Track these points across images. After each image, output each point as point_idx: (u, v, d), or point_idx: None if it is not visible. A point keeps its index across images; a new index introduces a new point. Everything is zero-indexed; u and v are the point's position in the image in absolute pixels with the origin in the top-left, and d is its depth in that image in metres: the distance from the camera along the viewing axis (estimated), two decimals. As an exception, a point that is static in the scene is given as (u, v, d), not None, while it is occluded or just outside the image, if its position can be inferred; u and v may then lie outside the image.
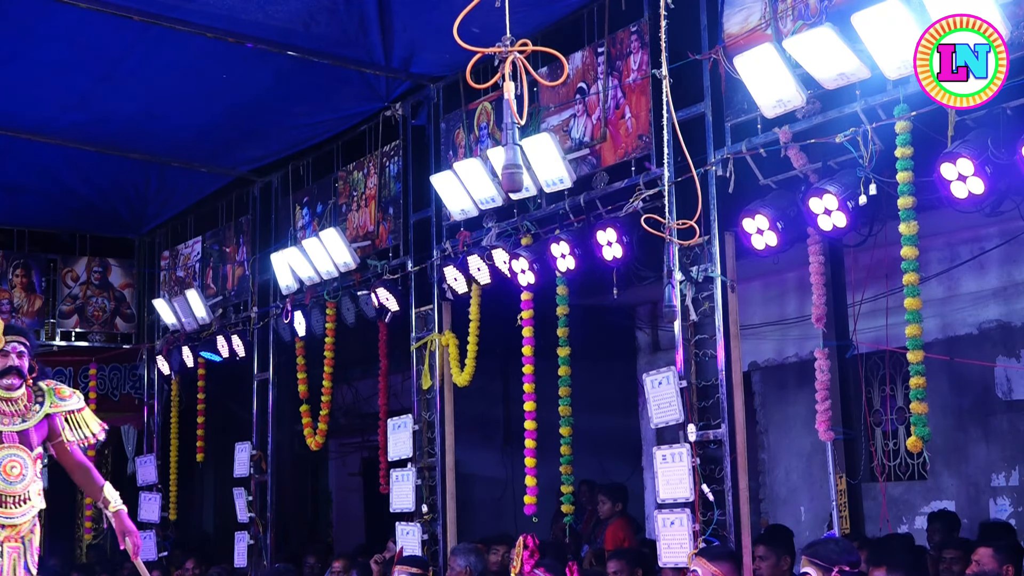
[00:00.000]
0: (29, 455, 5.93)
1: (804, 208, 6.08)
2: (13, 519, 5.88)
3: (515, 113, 3.25)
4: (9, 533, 5.88)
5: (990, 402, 8.91)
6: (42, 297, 12.40)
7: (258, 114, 9.35)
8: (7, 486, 5.84)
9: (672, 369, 6.77)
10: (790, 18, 6.18)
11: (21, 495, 5.89)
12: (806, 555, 5.05)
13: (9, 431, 5.90)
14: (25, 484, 5.90)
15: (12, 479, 5.86)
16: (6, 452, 5.87)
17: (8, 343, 5.91)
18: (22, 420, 5.96)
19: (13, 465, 5.87)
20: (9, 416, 5.94)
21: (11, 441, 5.90)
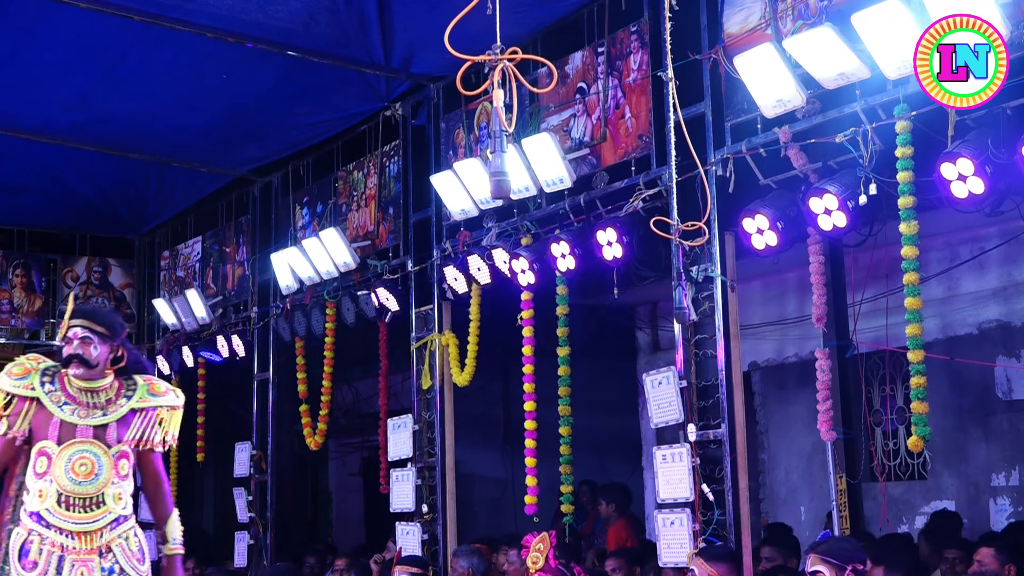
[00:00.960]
0: (106, 453, 5.19)
1: (804, 208, 6.08)
2: (82, 525, 5.11)
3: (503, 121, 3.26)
4: (77, 545, 5.09)
5: (990, 402, 8.91)
6: (42, 297, 12.40)
7: (258, 114, 9.35)
8: (75, 486, 5.11)
9: (672, 369, 6.77)
10: (790, 18, 6.18)
11: (93, 498, 5.14)
12: (817, 553, 5.03)
13: (84, 425, 5.20)
14: (98, 485, 5.15)
15: (81, 478, 5.12)
16: (76, 448, 5.15)
17: (69, 328, 5.26)
18: (102, 414, 5.25)
19: (83, 463, 5.14)
20: (87, 408, 5.25)
21: (85, 436, 5.18)
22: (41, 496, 5.08)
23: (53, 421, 5.14)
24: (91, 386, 5.28)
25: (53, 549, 5.05)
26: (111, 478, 5.20)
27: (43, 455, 5.12)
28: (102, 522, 5.15)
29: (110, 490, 5.20)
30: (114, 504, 5.20)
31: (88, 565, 5.08)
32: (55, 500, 5.08)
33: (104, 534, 5.15)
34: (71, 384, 5.24)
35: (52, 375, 5.25)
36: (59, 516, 5.08)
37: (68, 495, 5.10)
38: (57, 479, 5.08)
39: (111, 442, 5.23)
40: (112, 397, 5.32)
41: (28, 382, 5.20)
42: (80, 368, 5.23)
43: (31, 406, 5.16)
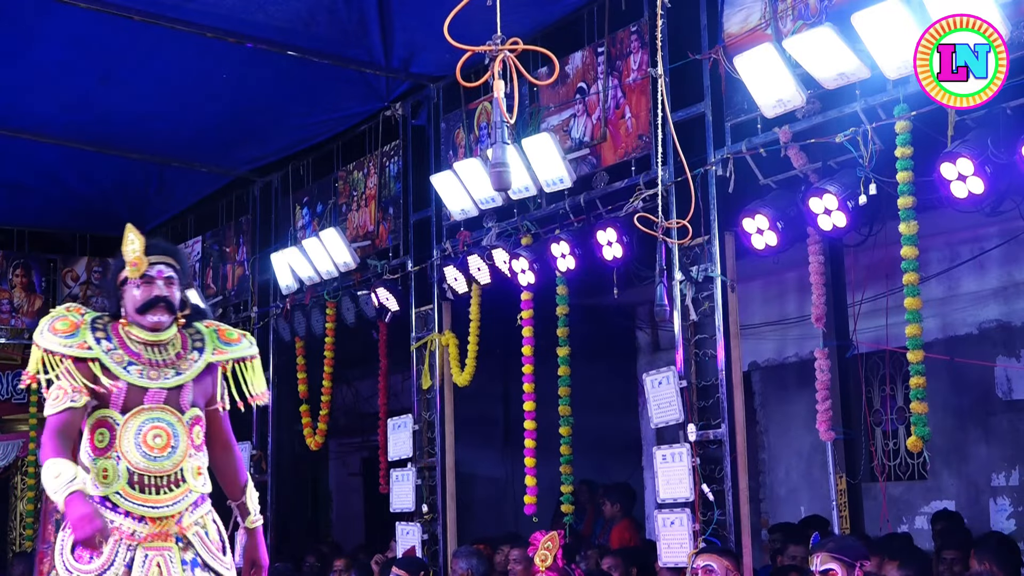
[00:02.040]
0: (180, 420, 4.28)
1: (804, 208, 6.08)
2: (158, 509, 4.20)
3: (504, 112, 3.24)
4: (152, 530, 4.18)
5: (990, 402, 8.91)
6: (42, 297, 12.38)
7: (258, 114, 9.34)
8: (149, 462, 4.19)
9: (672, 369, 6.77)
10: (790, 18, 6.18)
11: (170, 475, 4.23)
12: (827, 551, 5.05)
13: (155, 388, 4.25)
14: (176, 460, 4.24)
15: (156, 452, 4.20)
16: (147, 416, 4.22)
17: (152, 265, 4.30)
18: (174, 373, 4.30)
19: (157, 434, 4.21)
20: (157, 368, 4.28)
21: (155, 401, 4.24)
22: (106, 477, 4.17)
23: (118, 385, 4.21)
24: (157, 339, 4.31)
25: (121, 538, 4.14)
26: (188, 450, 4.28)
27: (103, 427, 4.21)
28: (182, 504, 4.26)
29: (188, 464, 4.29)
30: (194, 480, 4.30)
31: (165, 556, 4.19)
32: (125, 481, 4.17)
33: (183, 518, 4.26)
34: (130, 338, 4.29)
35: (104, 328, 4.29)
36: (132, 500, 4.18)
37: (141, 473, 4.19)
38: (126, 455, 4.17)
39: (185, 406, 4.31)
40: (180, 351, 4.37)
41: (80, 339, 4.22)
42: (164, 315, 4.29)
43: (93, 367, 4.21)
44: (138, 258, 4.29)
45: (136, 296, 4.29)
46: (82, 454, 4.23)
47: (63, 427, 4.15)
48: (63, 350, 4.20)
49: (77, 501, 3.95)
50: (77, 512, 3.92)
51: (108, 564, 4.12)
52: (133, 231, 4.31)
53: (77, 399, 4.17)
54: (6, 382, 13.16)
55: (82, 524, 3.90)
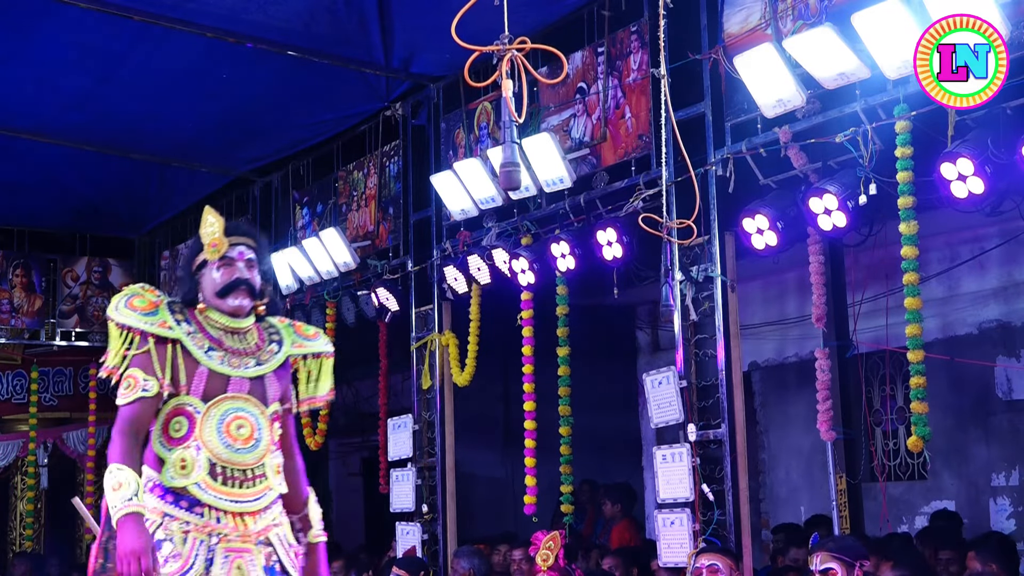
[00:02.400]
0: (264, 413, 3.97)
1: (804, 208, 6.08)
2: (240, 503, 3.86)
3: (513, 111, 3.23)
4: (232, 528, 3.83)
5: (990, 402, 8.91)
6: (42, 297, 12.39)
7: (258, 114, 9.35)
8: (232, 454, 3.86)
9: (672, 369, 6.77)
10: (790, 18, 6.19)
11: (253, 469, 3.90)
12: (827, 551, 5.05)
13: (238, 376, 3.95)
14: (259, 454, 3.92)
15: (239, 444, 3.88)
16: (231, 405, 3.91)
17: (233, 247, 4.00)
18: (255, 363, 4.01)
19: (241, 424, 3.90)
20: (238, 356, 3.99)
21: (238, 390, 3.94)
22: (184, 467, 3.82)
23: (199, 371, 3.89)
24: (237, 326, 4.02)
25: (200, 535, 3.79)
26: (270, 445, 3.97)
27: (181, 415, 3.88)
28: (264, 500, 3.92)
29: (270, 460, 3.97)
30: (275, 478, 3.99)
31: (245, 557, 3.84)
32: (206, 471, 3.83)
33: (263, 517, 3.92)
34: (209, 324, 3.99)
35: (181, 311, 3.98)
36: (213, 492, 3.83)
37: (224, 465, 3.86)
38: (208, 444, 3.84)
39: (268, 399, 4.01)
40: (259, 342, 4.08)
41: (161, 318, 3.90)
42: (246, 299, 3.99)
43: (172, 351, 3.88)
44: (218, 239, 3.98)
45: (216, 279, 3.98)
46: (154, 443, 3.87)
47: (134, 420, 3.81)
48: (144, 327, 3.84)
49: (131, 526, 3.63)
50: (128, 542, 3.59)
51: (188, 566, 3.76)
52: (212, 212, 4.00)
53: (150, 387, 3.82)
54: (6, 382, 13.17)
55: (129, 561, 3.57)
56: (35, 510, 13.01)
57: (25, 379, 13.08)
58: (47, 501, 13.16)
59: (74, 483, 13.49)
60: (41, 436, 13.03)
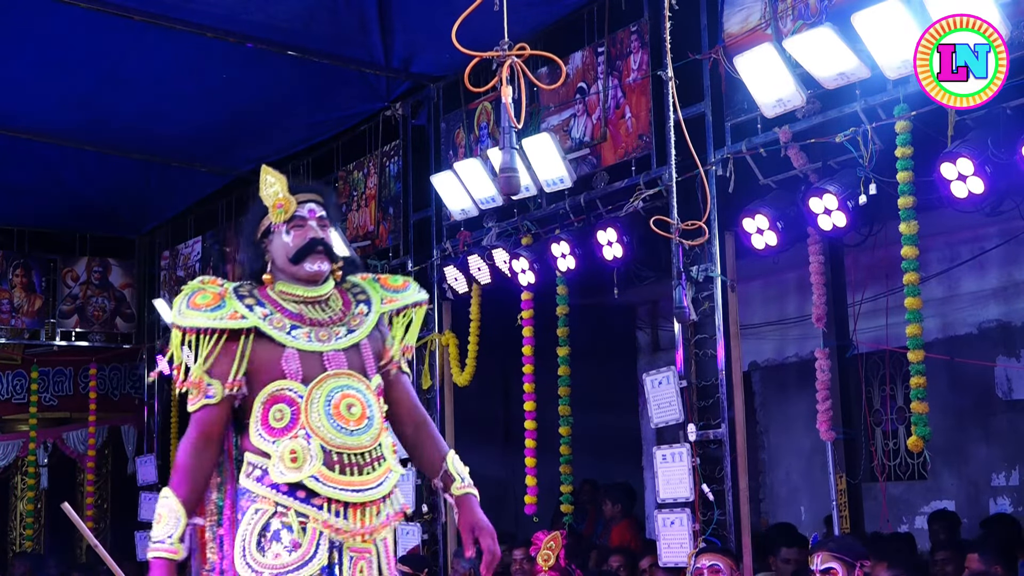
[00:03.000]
0: (369, 388, 3.50)
1: (804, 208, 6.08)
2: (364, 492, 3.40)
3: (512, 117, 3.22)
4: (354, 525, 3.39)
5: (990, 402, 8.91)
6: (42, 297, 12.39)
7: (258, 114, 9.34)
8: (346, 437, 3.40)
9: (672, 369, 6.77)
10: (790, 18, 6.19)
11: (370, 451, 3.44)
12: (828, 551, 5.06)
13: (331, 350, 3.47)
14: (374, 434, 3.46)
15: (352, 425, 3.42)
16: (334, 384, 3.44)
17: (302, 204, 3.56)
18: (347, 331, 3.53)
19: (352, 402, 3.43)
20: (325, 327, 3.51)
21: (337, 366, 3.46)
22: (294, 460, 3.36)
23: (286, 354, 3.43)
24: (316, 294, 3.55)
25: (323, 531, 3.37)
26: (382, 423, 3.52)
27: (281, 402, 3.43)
28: (387, 485, 3.47)
29: (386, 440, 3.52)
30: (393, 460, 3.53)
31: (367, 559, 3.43)
32: (321, 461, 3.37)
33: (384, 509, 3.48)
34: (284, 299, 3.53)
35: (250, 294, 3.53)
36: (332, 483, 3.36)
37: (339, 451, 3.39)
38: (318, 431, 3.38)
39: (369, 370, 3.53)
40: (344, 308, 3.60)
41: (230, 309, 3.45)
42: (324, 262, 3.53)
43: (247, 342, 3.44)
44: (284, 198, 3.54)
45: (288, 243, 3.51)
46: (253, 437, 3.43)
47: (204, 428, 3.45)
48: (212, 324, 3.42)
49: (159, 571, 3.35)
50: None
51: (307, 558, 3.33)
52: (271, 171, 3.63)
53: (213, 394, 3.43)
54: (6, 382, 13.17)
55: None
56: (35, 510, 13.01)
57: (25, 379, 13.08)
58: (47, 501, 13.16)
59: (74, 483, 13.51)
60: (41, 436, 13.03)
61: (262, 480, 3.40)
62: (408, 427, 3.72)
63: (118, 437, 13.44)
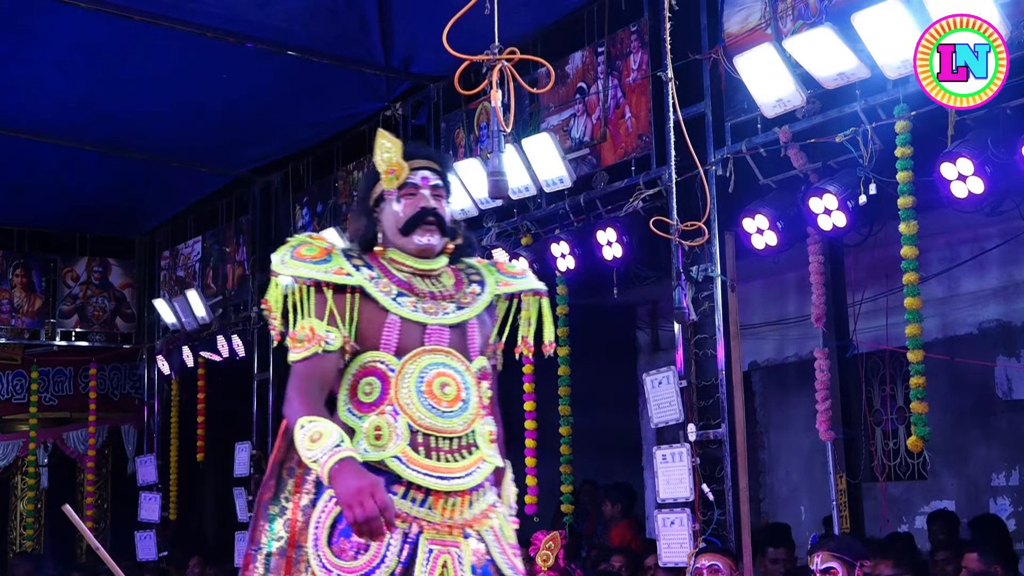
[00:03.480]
0: (468, 369, 3.24)
1: (804, 208, 6.08)
2: (449, 480, 3.11)
3: (501, 121, 3.19)
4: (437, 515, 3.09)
5: (990, 402, 8.91)
6: (42, 297, 12.39)
7: (258, 114, 9.34)
8: (436, 418, 3.14)
9: (672, 369, 6.77)
10: (790, 18, 6.19)
11: (461, 437, 3.17)
12: (828, 550, 5.06)
13: (436, 324, 3.21)
14: (467, 419, 3.18)
15: (444, 406, 3.15)
16: (430, 360, 3.18)
17: (415, 171, 3.28)
18: (455, 308, 3.27)
19: (445, 382, 3.17)
20: (434, 300, 3.25)
21: (437, 342, 3.20)
22: (379, 437, 3.11)
23: (388, 321, 3.17)
24: (428, 267, 3.30)
25: (401, 525, 3.05)
26: (479, 408, 3.24)
27: (372, 374, 3.18)
28: (477, 476, 3.17)
29: (480, 427, 3.24)
30: (488, 449, 3.25)
31: (452, 553, 3.09)
32: (407, 441, 3.10)
33: (476, 501, 3.17)
34: (394, 266, 3.27)
35: (359, 256, 3.28)
36: (416, 467, 3.09)
37: (427, 432, 3.12)
38: (406, 408, 3.12)
39: (473, 351, 3.28)
40: (457, 286, 3.34)
41: (335, 265, 3.21)
42: (435, 235, 3.27)
43: (352, 300, 3.18)
44: (396, 163, 3.26)
45: (397, 212, 3.26)
46: (341, 410, 3.20)
47: (313, 377, 3.16)
48: (317, 275, 3.16)
49: (349, 471, 2.90)
50: (351, 485, 2.87)
51: (379, 559, 3.02)
52: (387, 135, 3.32)
53: (332, 340, 3.14)
54: (6, 382, 13.18)
55: (359, 500, 2.85)
56: (35, 510, 13.01)
57: (25, 379, 13.08)
58: (47, 501, 13.16)
59: (74, 483, 13.50)
60: (41, 436, 13.03)
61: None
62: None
63: (118, 437, 13.44)
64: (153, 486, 12.09)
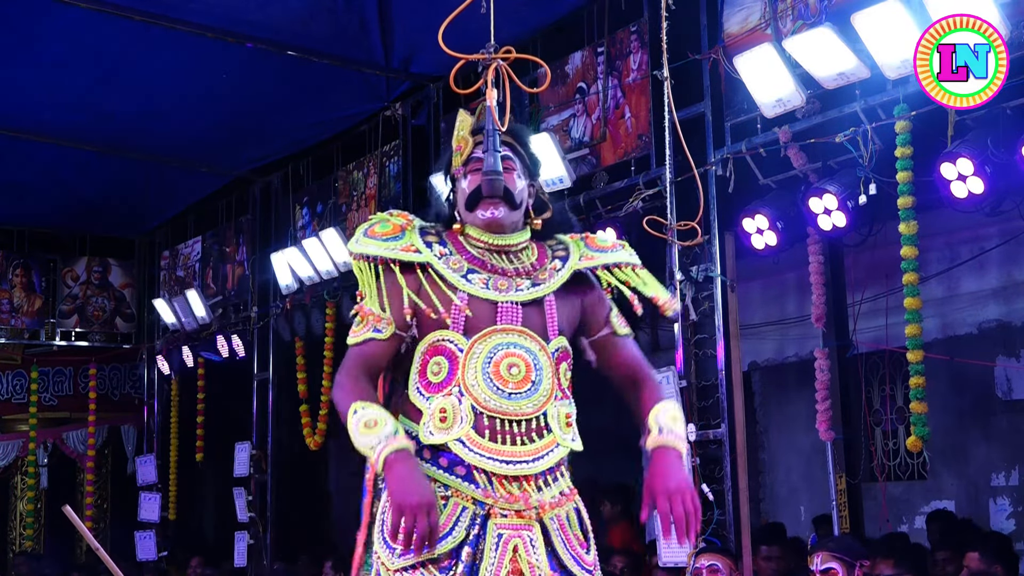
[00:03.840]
0: (544, 349, 3.07)
1: (804, 208, 6.09)
2: (515, 464, 2.98)
3: (496, 120, 3.16)
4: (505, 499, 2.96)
5: (990, 402, 8.91)
6: (42, 297, 12.40)
7: (258, 114, 9.35)
8: (502, 400, 3.00)
9: (672, 369, 6.77)
10: (790, 18, 6.19)
11: (530, 420, 3.02)
12: (827, 551, 5.06)
13: (506, 301, 3.06)
14: (537, 401, 3.03)
15: (511, 388, 3.01)
16: (500, 340, 3.03)
17: (479, 145, 3.19)
18: (531, 285, 3.10)
19: (513, 363, 3.02)
20: (507, 277, 3.11)
21: (509, 321, 3.05)
22: (444, 419, 3.00)
23: (457, 298, 3.06)
24: (505, 243, 3.15)
25: (464, 503, 2.96)
26: (553, 390, 3.09)
27: (440, 354, 3.05)
28: (548, 460, 3.04)
29: (554, 409, 3.09)
30: (562, 432, 3.11)
31: (524, 537, 2.96)
32: (471, 424, 2.99)
33: (549, 486, 3.05)
34: (469, 243, 3.15)
35: (436, 233, 3.19)
36: (479, 450, 2.97)
37: (492, 415, 2.99)
38: (471, 390, 3.00)
39: (551, 330, 3.11)
40: (536, 261, 3.17)
41: (406, 242, 3.12)
42: (500, 208, 3.11)
43: (421, 278, 3.08)
44: (462, 138, 3.22)
45: (464, 188, 3.17)
46: (411, 391, 3.08)
47: (363, 363, 3.07)
48: (385, 252, 3.08)
49: (406, 470, 2.86)
50: (408, 491, 2.82)
51: (447, 529, 2.92)
52: (464, 113, 3.27)
53: (383, 328, 3.05)
54: (6, 382, 13.18)
55: (413, 513, 2.80)
56: (35, 510, 13.02)
57: (25, 379, 13.09)
58: (47, 501, 13.17)
59: (74, 483, 13.51)
60: (41, 436, 13.04)
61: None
62: (630, 392, 3.40)
63: (118, 437, 13.46)
64: (153, 486, 12.10)
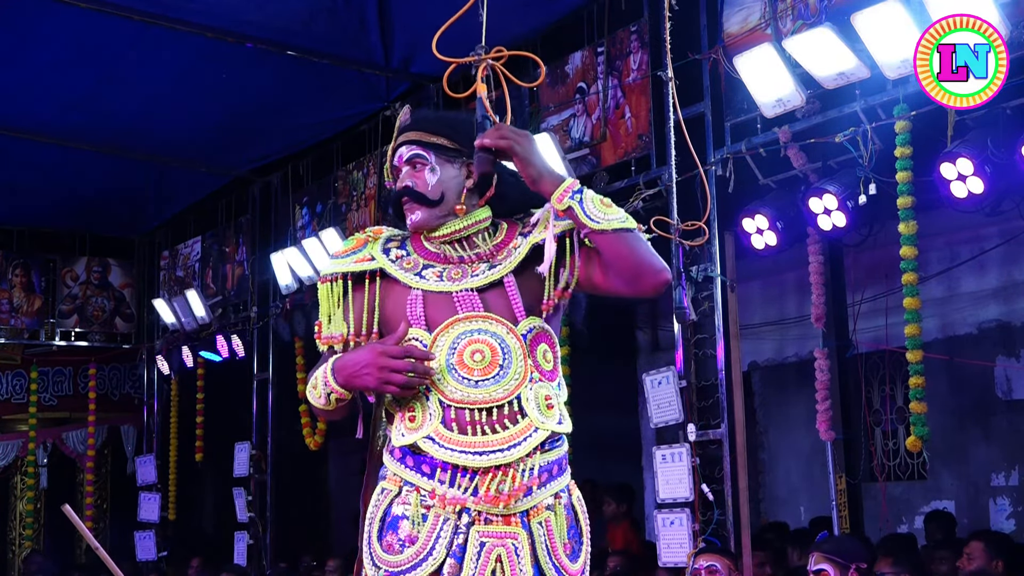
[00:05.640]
0: (513, 331, 2.90)
1: (804, 208, 6.09)
2: (488, 455, 2.79)
3: (489, 110, 3.12)
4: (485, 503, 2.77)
5: (990, 402, 8.91)
6: (42, 297, 12.39)
7: (258, 114, 9.35)
8: (468, 389, 2.84)
9: (672, 369, 6.77)
10: (790, 18, 6.19)
11: (501, 405, 2.83)
12: (821, 552, 5.05)
13: (461, 290, 2.92)
14: (508, 386, 2.85)
15: (476, 375, 2.85)
16: (463, 328, 2.88)
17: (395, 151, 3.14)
18: (487, 267, 2.95)
19: (477, 349, 2.86)
20: (461, 265, 2.97)
21: (470, 308, 2.90)
22: (413, 420, 2.88)
23: (411, 296, 2.94)
24: (453, 229, 3.00)
25: (444, 513, 2.79)
26: (528, 372, 2.91)
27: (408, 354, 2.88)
28: (525, 447, 2.82)
29: (529, 392, 2.89)
30: (541, 416, 2.88)
31: (508, 546, 2.77)
32: (439, 419, 2.84)
33: (529, 470, 2.81)
34: (429, 241, 3.03)
35: (400, 238, 3.09)
36: (449, 444, 2.81)
37: (460, 406, 2.83)
38: (437, 383, 2.86)
39: (517, 312, 2.93)
40: (501, 241, 3.02)
41: (365, 253, 3.04)
42: (414, 210, 3.01)
43: (373, 287, 3.00)
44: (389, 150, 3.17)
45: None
46: (386, 401, 3.03)
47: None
48: (339, 268, 3.04)
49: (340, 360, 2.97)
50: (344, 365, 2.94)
51: (426, 551, 2.76)
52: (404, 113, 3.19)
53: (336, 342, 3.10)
54: (6, 382, 13.18)
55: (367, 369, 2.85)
56: (35, 510, 13.02)
57: (25, 379, 13.09)
58: (47, 501, 13.17)
59: (74, 483, 13.51)
60: (41, 436, 13.04)
61: (391, 452, 2.95)
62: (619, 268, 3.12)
63: (118, 437, 13.45)
64: (152, 486, 12.10)
